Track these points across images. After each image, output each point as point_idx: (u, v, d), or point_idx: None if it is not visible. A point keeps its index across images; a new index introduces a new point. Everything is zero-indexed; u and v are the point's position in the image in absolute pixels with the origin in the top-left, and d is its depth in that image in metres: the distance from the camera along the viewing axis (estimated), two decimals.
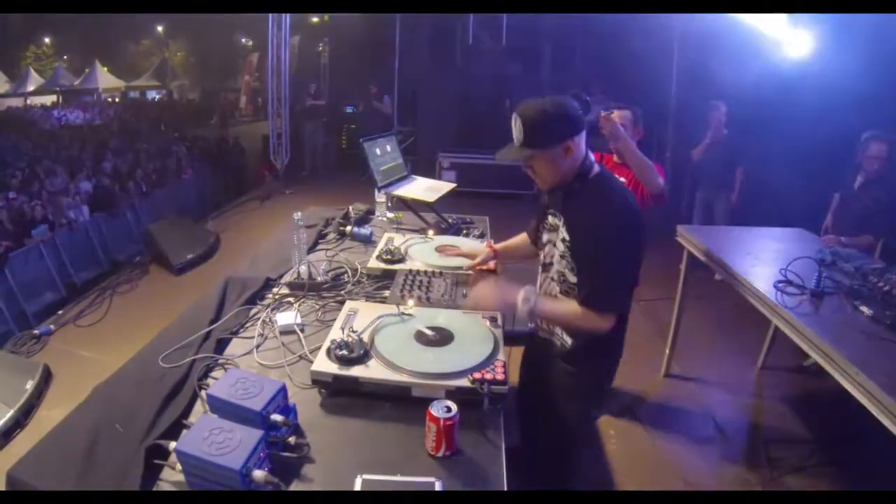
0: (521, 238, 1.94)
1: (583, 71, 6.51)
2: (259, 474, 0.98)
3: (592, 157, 1.49)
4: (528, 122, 1.41)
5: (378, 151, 2.59)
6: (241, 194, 8.58)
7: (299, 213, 2.06)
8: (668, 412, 3.02)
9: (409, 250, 2.15)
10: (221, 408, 1.15)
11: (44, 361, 3.30)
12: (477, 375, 1.26)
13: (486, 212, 2.95)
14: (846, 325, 1.94)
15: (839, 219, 3.31)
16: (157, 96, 19.20)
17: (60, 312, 4.33)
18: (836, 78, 3.42)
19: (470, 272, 1.93)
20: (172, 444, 1.04)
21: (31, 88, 18.43)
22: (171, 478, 1.07)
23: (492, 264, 1.95)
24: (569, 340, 1.60)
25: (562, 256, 1.53)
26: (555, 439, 1.73)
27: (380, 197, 2.80)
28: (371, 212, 2.91)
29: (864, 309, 2.00)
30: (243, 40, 16.40)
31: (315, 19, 9.51)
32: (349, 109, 9.31)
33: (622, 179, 2.31)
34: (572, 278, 1.51)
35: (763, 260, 2.50)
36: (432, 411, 1.10)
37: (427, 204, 2.53)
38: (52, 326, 4.03)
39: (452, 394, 1.25)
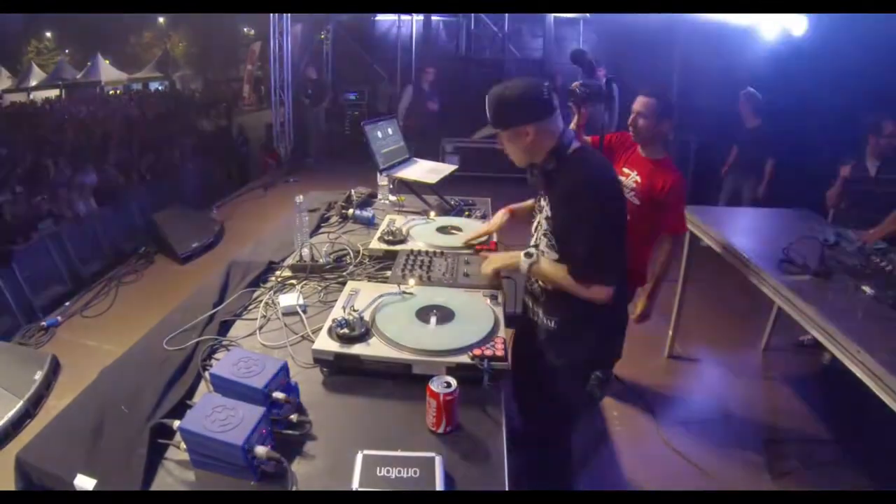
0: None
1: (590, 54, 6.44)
2: (261, 450, 0.99)
3: (572, 134, 1.53)
4: (493, 103, 1.49)
5: (379, 134, 2.58)
6: (246, 183, 8.60)
7: (301, 197, 2.06)
8: (672, 393, 3.03)
9: (411, 231, 2.16)
10: (224, 386, 1.16)
11: (52, 352, 3.35)
12: (477, 352, 1.26)
13: (490, 194, 2.94)
14: (848, 305, 1.94)
15: (854, 208, 3.12)
16: (160, 87, 19.20)
17: (67, 304, 4.40)
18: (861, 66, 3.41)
19: (470, 251, 1.93)
20: (176, 423, 1.05)
21: (33, 83, 18.46)
22: (176, 457, 1.09)
23: (492, 243, 1.96)
24: (552, 322, 1.64)
25: (544, 234, 1.57)
26: (546, 420, 1.78)
27: (382, 180, 2.80)
28: (374, 195, 2.91)
29: (867, 289, 1.99)
30: (245, 29, 16.31)
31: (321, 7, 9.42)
32: (352, 96, 9.29)
33: (637, 178, 2.31)
34: (551, 256, 1.56)
35: (767, 240, 2.49)
36: (432, 387, 1.11)
37: (429, 186, 2.53)
38: (59, 318, 4.09)
39: (453, 370, 1.25)
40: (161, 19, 19.35)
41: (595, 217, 1.44)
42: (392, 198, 2.81)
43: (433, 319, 1.43)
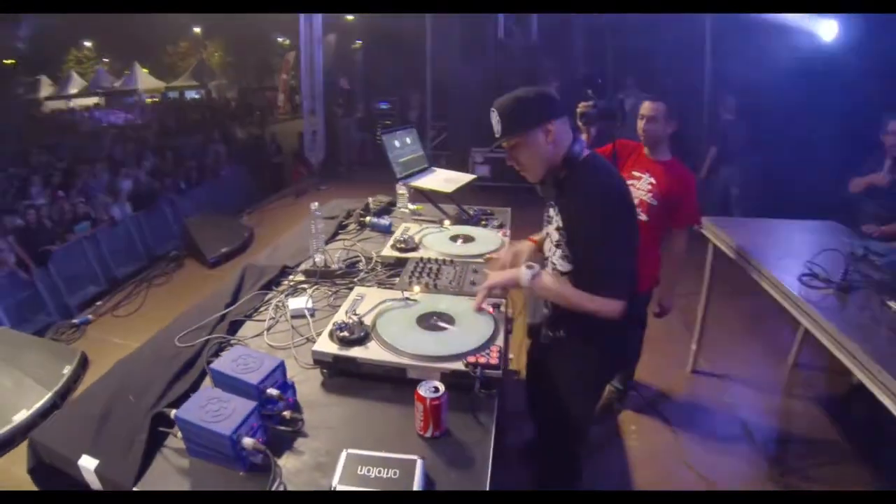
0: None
1: (615, 65, 6.50)
2: (248, 441, 1.06)
3: (582, 142, 1.52)
4: (504, 110, 1.47)
5: (397, 143, 2.67)
6: (278, 191, 8.92)
7: (316, 204, 2.15)
8: (693, 409, 2.97)
9: (424, 239, 2.22)
10: (223, 381, 1.25)
11: (81, 349, 3.57)
12: (471, 359, 1.30)
13: (522, 207, 2.98)
14: (872, 321, 1.87)
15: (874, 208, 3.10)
16: (196, 96, 20.13)
17: (99, 303, 4.67)
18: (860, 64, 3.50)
19: (480, 260, 1.98)
20: (174, 412, 1.13)
21: (73, 91, 19.70)
22: (174, 445, 1.17)
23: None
24: (560, 331, 1.64)
25: (556, 245, 1.57)
26: (555, 430, 1.77)
27: (401, 189, 2.88)
28: (393, 204, 2.99)
29: (893, 304, 1.92)
30: (279, 39, 16.99)
31: (350, 17, 9.77)
32: (384, 105, 9.51)
33: (651, 179, 2.37)
34: (564, 267, 1.55)
35: (791, 253, 2.44)
36: (420, 391, 1.15)
37: (445, 195, 2.59)
38: (90, 316, 4.35)
39: (447, 376, 1.30)
40: (197, 29, 20.32)
41: (607, 226, 1.43)
42: (411, 206, 2.89)
43: (432, 326, 1.48)
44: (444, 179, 2.68)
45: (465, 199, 2.80)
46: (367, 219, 2.68)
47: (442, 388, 1.17)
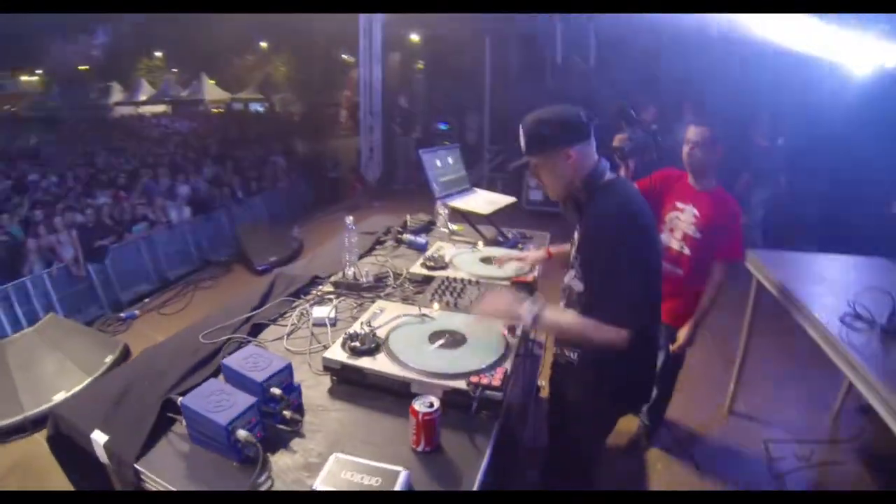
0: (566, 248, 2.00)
1: (668, 91, 6.48)
2: (242, 434, 1.14)
3: (605, 164, 1.55)
4: (528, 129, 1.54)
5: (438, 163, 2.77)
6: (332, 204, 9.29)
7: (351, 218, 2.27)
8: (725, 454, 2.86)
9: (455, 259, 2.28)
10: (231, 376, 1.34)
11: (125, 341, 3.86)
12: (474, 379, 1.33)
13: (562, 230, 3.01)
14: None
15: None
16: (260, 109, 21.42)
17: (147, 300, 5.01)
18: None
19: (506, 283, 2.01)
20: (181, 399, 1.23)
21: (142, 98, 21.54)
22: (179, 430, 1.27)
23: (530, 277, 2.02)
24: (574, 354, 1.66)
25: (571, 266, 1.61)
26: (562, 458, 1.80)
27: (442, 209, 2.97)
28: (433, 223, 3.08)
29: None
30: (344, 56, 17.84)
31: (414, 38, 10.21)
32: (443, 126, 9.79)
33: (695, 211, 2.35)
34: (578, 287, 1.57)
35: (835, 290, 2.32)
36: (414, 405, 1.19)
37: (484, 216, 2.65)
38: (137, 312, 4.69)
39: (449, 394, 1.33)
40: (264, 44, 21.73)
41: (617, 251, 1.43)
42: (451, 226, 2.96)
43: (442, 343, 1.53)
44: (483, 201, 2.75)
45: (515, 223, 2.87)
46: (404, 236, 2.77)
47: (437, 403, 1.20)
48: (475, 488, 1.12)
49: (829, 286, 2.43)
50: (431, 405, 1.20)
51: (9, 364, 3.19)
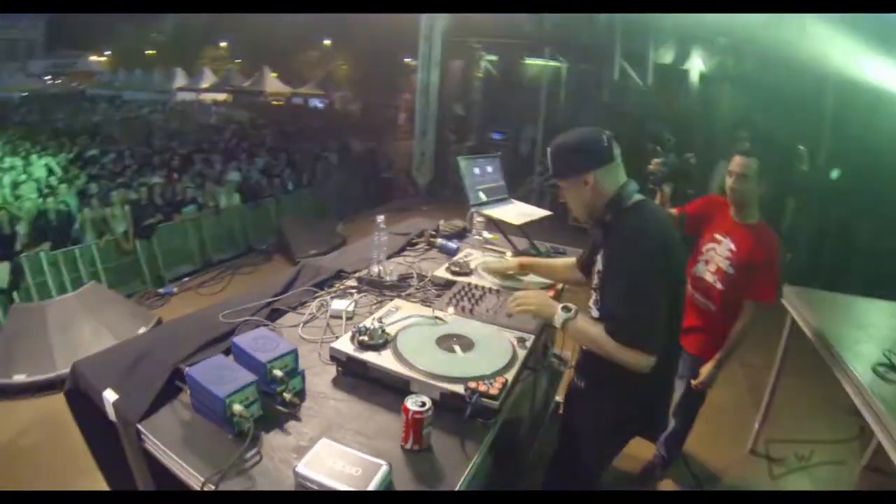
0: (565, 262, 2.08)
1: (730, 115, 6.36)
2: (238, 408, 1.22)
3: (633, 187, 1.59)
4: (552, 152, 1.63)
5: (477, 171, 2.82)
6: (381, 204, 9.50)
7: (382, 217, 2.35)
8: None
9: (480, 267, 2.32)
10: (239, 354, 1.44)
11: (160, 315, 4.09)
12: (472, 384, 1.36)
13: None
14: None
15: None
16: (320, 105, 22.20)
17: (186, 279, 5.29)
18: None
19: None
20: (187, 369, 1.33)
21: (204, 85, 22.83)
22: (185, 399, 1.37)
23: (552, 289, 2.07)
24: (581, 382, 1.73)
25: (594, 289, 1.64)
26: (561, 476, 1.84)
27: (478, 217, 3.02)
28: (468, 230, 3.13)
29: None
30: (407, 60, 18.29)
31: (476, 45, 10.40)
32: (497, 136, 9.88)
33: (731, 245, 2.31)
34: (594, 313, 1.62)
35: (873, 338, 2.21)
36: (407, 403, 1.24)
37: (516, 227, 2.68)
38: (175, 289, 4.97)
39: (447, 397, 1.37)
40: (327, 41, 22.57)
41: (637, 273, 1.47)
42: (486, 235, 3.00)
43: (448, 346, 1.57)
44: (517, 212, 2.78)
45: (559, 237, 2.90)
46: (437, 240, 2.84)
47: (428, 403, 1.24)
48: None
49: (867, 332, 2.32)
50: (423, 404, 1.24)
51: (48, 325, 3.48)
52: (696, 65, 6.95)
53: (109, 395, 1.36)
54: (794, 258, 4.91)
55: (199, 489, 1.13)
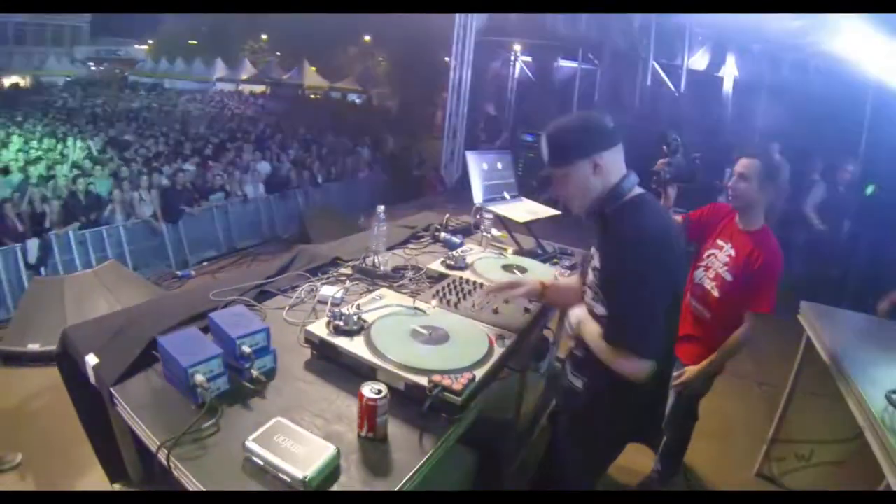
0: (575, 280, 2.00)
1: (763, 124, 6.19)
2: (200, 378, 1.27)
3: (634, 177, 1.50)
4: (551, 137, 1.50)
5: (485, 166, 2.82)
6: (409, 201, 9.59)
7: (382, 207, 2.39)
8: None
9: (476, 263, 2.33)
10: (213, 329, 1.50)
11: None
12: (437, 378, 1.37)
13: None
14: None
15: None
16: (357, 100, 22.53)
17: (205, 263, 5.45)
18: None
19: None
20: (159, 338, 1.39)
21: (243, 77, 23.53)
22: (159, 369, 1.43)
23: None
24: (579, 381, 1.64)
25: (589, 287, 1.57)
26: (549, 483, 1.78)
27: (487, 213, 3.03)
28: (477, 226, 3.14)
29: None
30: (446, 59, 18.47)
31: (516, 46, 10.43)
32: (529, 137, 9.85)
33: (731, 251, 2.27)
34: (599, 310, 1.53)
35: (890, 361, 2.11)
36: (363, 389, 1.25)
37: (521, 224, 2.69)
38: (192, 272, 5.14)
39: (411, 388, 1.39)
40: (367, 37, 22.91)
41: (637, 275, 1.40)
42: (495, 232, 3.01)
43: (422, 339, 1.59)
44: (524, 210, 2.77)
45: (565, 238, 2.89)
46: (441, 234, 2.86)
47: (385, 391, 1.25)
48: (399, 488, 1.16)
49: (887, 355, 2.21)
50: (379, 392, 1.25)
51: (65, 298, 3.67)
52: (731, 72, 6.84)
53: (91, 360, 1.44)
54: (819, 275, 4.78)
55: (154, 452, 1.18)
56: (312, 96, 22.06)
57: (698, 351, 2.32)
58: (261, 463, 1.13)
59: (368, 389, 1.25)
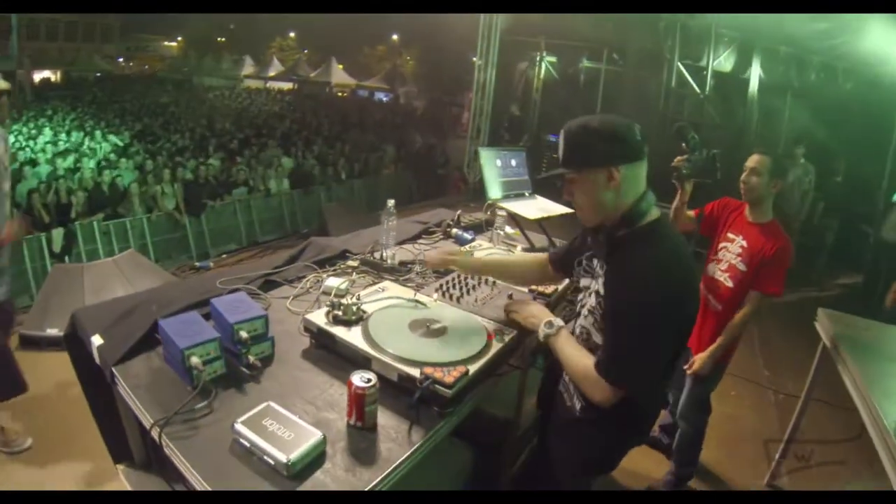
0: (524, 259, 2.06)
1: (789, 126, 6.12)
2: (195, 360, 1.31)
3: (651, 198, 1.40)
4: (569, 137, 1.39)
5: (499, 163, 2.83)
6: (431, 199, 9.64)
7: (392, 201, 2.42)
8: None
9: (485, 259, 2.33)
10: (214, 314, 1.54)
11: None
12: (428, 370, 1.38)
13: None
14: None
15: None
16: (384, 98, 22.75)
17: (224, 256, 5.58)
18: None
19: (523, 289, 2.05)
20: (160, 320, 1.44)
21: (271, 74, 24.01)
22: (161, 351, 1.48)
23: (550, 289, 2.04)
24: (578, 404, 1.55)
25: (590, 311, 1.50)
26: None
27: (500, 210, 3.03)
28: (490, 223, 3.15)
29: None
30: (474, 59, 18.53)
31: (542, 46, 10.45)
32: (553, 138, 9.84)
33: (743, 242, 2.39)
34: (597, 338, 1.47)
35: None
36: (352, 377, 1.27)
37: (529, 221, 2.69)
38: (210, 263, 5.26)
39: (404, 380, 1.40)
40: (395, 36, 23.17)
41: (647, 316, 1.31)
42: (509, 230, 3.01)
43: (420, 331, 1.61)
44: (536, 208, 2.77)
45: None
46: (453, 230, 2.88)
47: (374, 380, 1.27)
48: (383, 477, 1.17)
49: None
50: (369, 381, 1.26)
51: (84, 285, 3.81)
52: (757, 74, 6.80)
53: (96, 340, 1.50)
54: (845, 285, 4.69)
55: (148, 429, 1.22)
56: (339, 94, 22.40)
57: (710, 341, 2.45)
58: (247, 445, 1.16)
59: (358, 378, 1.27)
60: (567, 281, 2.09)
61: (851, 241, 6.09)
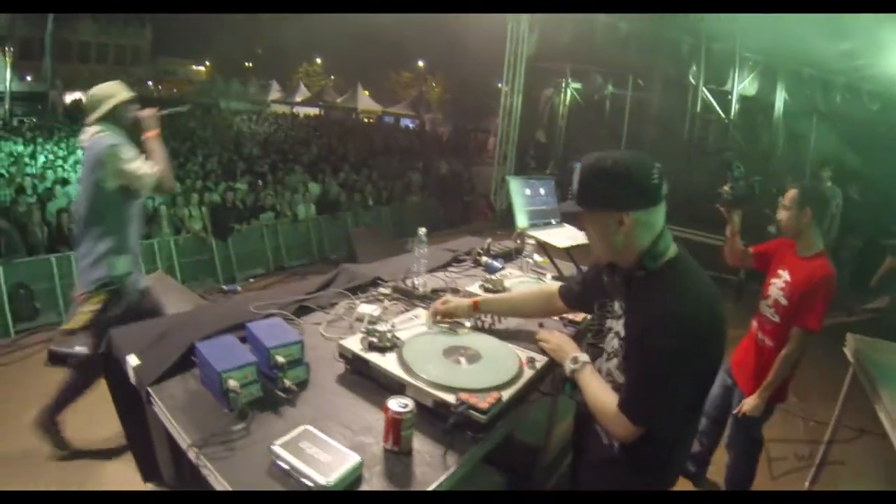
0: (530, 294, 2.05)
1: (814, 149, 6.11)
2: (232, 383, 1.34)
3: (669, 238, 1.38)
4: (583, 174, 1.37)
5: (528, 192, 2.87)
6: (458, 226, 9.71)
7: (423, 230, 2.47)
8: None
9: (513, 287, 2.35)
10: (250, 337, 1.58)
11: None
12: (464, 396, 1.39)
13: None
14: None
15: None
16: (410, 125, 23.17)
17: (252, 280, 5.67)
18: None
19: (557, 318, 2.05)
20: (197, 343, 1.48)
21: (298, 99, 24.69)
22: (197, 373, 1.51)
23: (580, 317, 2.04)
24: (616, 443, 1.50)
25: (614, 353, 1.52)
26: None
27: (529, 239, 3.06)
28: (519, 251, 3.17)
29: None
30: (500, 85, 18.86)
31: (568, 72, 10.64)
32: (578, 164, 9.86)
33: (787, 277, 2.39)
34: (621, 380, 1.47)
35: None
36: (389, 402, 1.29)
37: (558, 250, 2.71)
38: (238, 287, 5.35)
39: (439, 405, 1.41)
40: (421, 63, 23.74)
41: (672, 360, 1.29)
42: (537, 258, 3.03)
43: (454, 358, 1.62)
44: (565, 236, 2.79)
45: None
46: (482, 258, 2.90)
47: (411, 405, 1.29)
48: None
49: None
50: (406, 406, 1.28)
51: None
52: (781, 97, 6.83)
53: (132, 360, 1.54)
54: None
55: (185, 449, 1.25)
56: (366, 120, 22.89)
57: (758, 378, 2.45)
58: (286, 467, 1.18)
59: (395, 403, 1.29)
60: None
61: (878, 264, 5.95)
